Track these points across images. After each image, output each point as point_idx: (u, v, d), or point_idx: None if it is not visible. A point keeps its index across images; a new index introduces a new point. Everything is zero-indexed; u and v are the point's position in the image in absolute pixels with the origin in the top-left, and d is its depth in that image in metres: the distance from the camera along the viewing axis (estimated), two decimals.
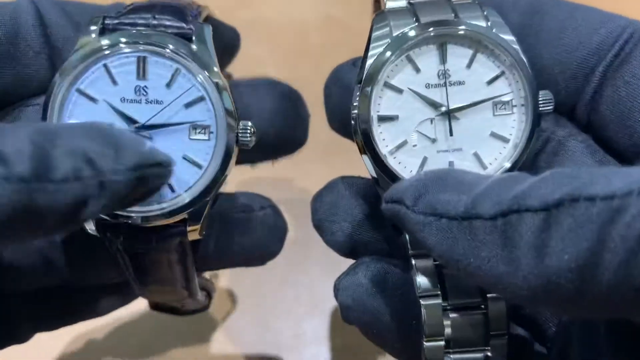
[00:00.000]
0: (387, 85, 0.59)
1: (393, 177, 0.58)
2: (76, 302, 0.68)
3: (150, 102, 0.58)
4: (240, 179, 0.88)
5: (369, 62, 0.58)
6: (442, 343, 0.59)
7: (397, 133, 0.59)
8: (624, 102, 0.57)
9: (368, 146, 0.58)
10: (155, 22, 0.59)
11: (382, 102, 0.59)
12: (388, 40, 0.58)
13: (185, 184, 0.58)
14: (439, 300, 0.58)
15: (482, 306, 0.58)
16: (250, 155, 0.66)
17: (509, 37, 0.58)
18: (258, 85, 0.67)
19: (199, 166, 0.58)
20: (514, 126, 0.59)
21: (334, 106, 0.66)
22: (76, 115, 0.58)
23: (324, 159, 0.68)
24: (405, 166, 0.59)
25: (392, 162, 0.59)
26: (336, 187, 0.65)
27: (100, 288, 0.69)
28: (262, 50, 0.65)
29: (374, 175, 0.59)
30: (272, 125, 0.66)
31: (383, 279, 0.60)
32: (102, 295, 0.69)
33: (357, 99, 0.58)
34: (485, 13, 0.59)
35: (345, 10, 0.62)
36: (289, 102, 0.67)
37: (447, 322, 0.58)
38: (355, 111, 0.59)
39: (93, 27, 0.58)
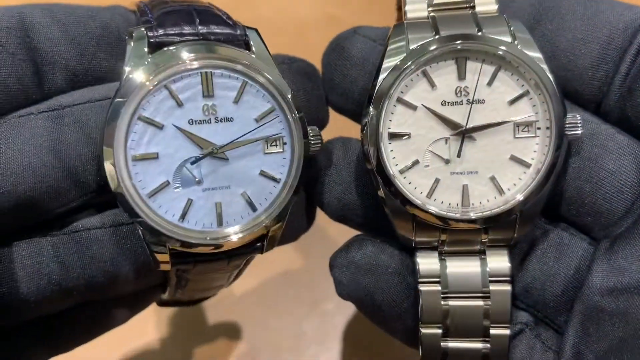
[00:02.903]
0: (400, 100, 0.55)
1: (402, 197, 0.55)
2: (89, 320, 0.65)
3: (221, 121, 0.54)
4: None
5: (382, 75, 0.55)
6: (440, 331, 0.58)
7: (409, 152, 0.56)
8: None
9: (377, 164, 0.55)
10: (201, 30, 0.54)
11: (394, 119, 0.56)
12: (404, 53, 0.55)
13: (265, 201, 0.55)
14: (438, 287, 0.57)
15: (485, 294, 0.57)
16: None
17: (535, 55, 0.54)
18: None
19: (276, 180, 0.55)
20: (536, 150, 0.55)
21: (335, 79, 0.61)
22: (142, 145, 0.53)
23: None
24: (415, 187, 0.56)
25: (402, 182, 0.56)
26: (332, 148, 0.63)
27: (111, 301, 0.65)
28: None
29: (382, 195, 0.56)
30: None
31: (376, 258, 0.59)
32: (115, 309, 0.66)
33: (368, 113, 0.55)
34: (511, 28, 0.55)
35: (345, 9, 0.59)
36: (309, 80, 0.62)
37: (446, 309, 0.57)
38: (365, 126, 0.55)
39: (139, 43, 0.53)
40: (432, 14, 0.57)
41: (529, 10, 0.57)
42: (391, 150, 0.56)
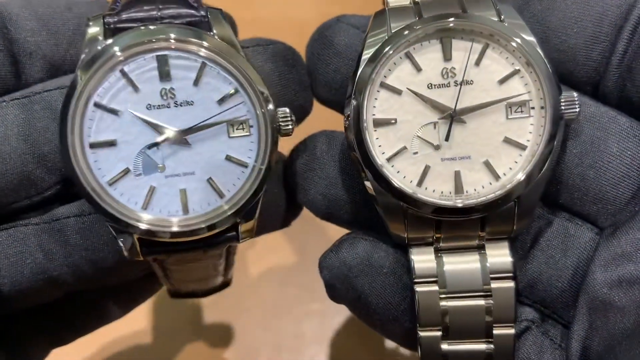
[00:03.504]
0: (384, 85, 0.53)
1: (391, 187, 0.52)
2: (86, 311, 0.65)
3: (180, 105, 0.52)
4: None
5: (363, 59, 0.52)
6: (439, 333, 0.54)
7: (396, 139, 0.53)
8: None
9: (362, 153, 0.52)
10: (160, 13, 0.53)
11: (378, 104, 0.53)
12: (385, 36, 0.52)
13: (233, 187, 0.53)
14: (435, 287, 0.53)
15: (486, 292, 0.53)
16: None
17: (525, 33, 0.51)
18: (245, 49, 0.58)
19: (244, 165, 0.53)
20: (531, 131, 0.52)
21: (319, 69, 0.59)
22: (99, 132, 0.52)
23: None
24: (404, 175, 0.53)
25: (390, 171, 0.52)
26: (316, 142, 0.59)
27: (108, 293, 0.65)
28: None
29: (370, 186, 0.53)
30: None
31: (369, 258, 0.55)
32: (112, 301, 0.66)
33: (351, 101, 0.53)
34: (498, 8, 0.52)
35: (345, 9, 0.59)
36: (286, 64, 0.59)
37: (445, 310, 0.53)
38: (349, 114, 0.53)
39: (95, 29, 0.52)
40: (415, 0, 0.55)
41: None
42: (377, 138, 0.53)
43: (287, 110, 0.53)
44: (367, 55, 0.52)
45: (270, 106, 0.52)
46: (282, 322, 0.83)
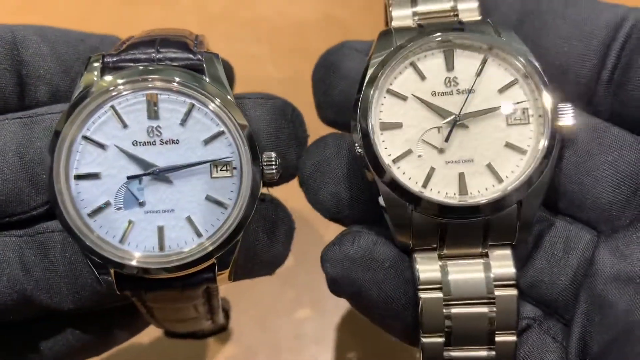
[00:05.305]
0: (390, 91, 0.55)
1: (397, 186, 0.53)
2: (87, 336, 0.63)
3: (166, 143, 0.53)
4: None
5: (371, 68, 0.55)
6: (442, 340, 0.53)
7: (401, 142, 0.54)
8: None
9: (369, 154, 0.54)
10: (159, 55, 0.55)
11: (384, 109, 0.55)
12: (391, 48, 0.56)
13: (211, 227, 0.53)
14: (439, 294, 0.53)
15: (490, 299, 0.53)
16: None
17: (523, 48, 0.55)
18: (246, 100, 0.60)
19: (224, 206, 0.53)
20: (531, 137, 0.54)
21: (326, 92, 0.61)
22: (84, 164, 0.53)
23: None
24: (410, 177, 0.54)
25: (396, 172, 0.54)
26: (325, 144, 0.60)
27: (115, 317, 0.63)
28: (261, 50, 0.64)
29: (373, 180, 0.54)
30: (261, 144, 0.58)
31: (371, 252, 0.55)
32: (116, 325, 0.64)
33: (358, 105, 0.55)
34: (497, 29, 0.56)
35: (345, 9, 0.61)
36: (284, 118, 0.61)
37: (448, 316, 0.53)
38: (356, 117, 0.55)
39: (93, 66, 0.55)
40: (418, 22, 0.59)
41: (512, 16, 0.59)
42: (383, 141, 0.54)
43: (273, 154, 0.54)
44: (375, 59, 0.55)
45: (254, 149, 0.54)
46: (282, 322, 0.82)
